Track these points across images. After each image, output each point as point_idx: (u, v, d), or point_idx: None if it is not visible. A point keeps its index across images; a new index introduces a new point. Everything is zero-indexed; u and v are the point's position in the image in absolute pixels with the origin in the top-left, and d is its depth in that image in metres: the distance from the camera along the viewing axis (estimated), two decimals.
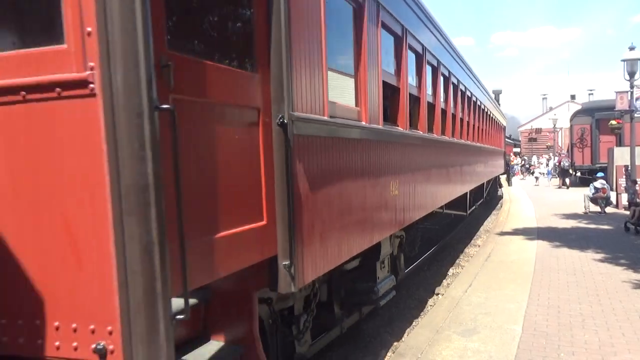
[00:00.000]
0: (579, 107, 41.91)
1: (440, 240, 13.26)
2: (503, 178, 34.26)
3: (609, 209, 20.20)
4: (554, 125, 56.97)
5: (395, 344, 7.45)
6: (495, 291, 8.97)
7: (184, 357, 3.45)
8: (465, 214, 15.46)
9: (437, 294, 9.64)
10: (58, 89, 2.36)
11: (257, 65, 3.39)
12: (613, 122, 28.65)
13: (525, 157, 63.33)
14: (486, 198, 23.26)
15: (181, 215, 2.48)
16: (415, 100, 7.91)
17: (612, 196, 21.35)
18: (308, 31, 3.90)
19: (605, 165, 28.54)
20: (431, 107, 8.97)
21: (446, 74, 10.32)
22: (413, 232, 8.97)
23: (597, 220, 18.12)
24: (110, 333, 2.40)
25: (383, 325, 8.09)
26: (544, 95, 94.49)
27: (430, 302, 9.30)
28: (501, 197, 29.98)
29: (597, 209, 19.86)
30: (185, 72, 2.61)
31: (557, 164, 40.45)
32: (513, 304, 8.18)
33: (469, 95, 13.94)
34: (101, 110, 2.28)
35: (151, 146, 2.28)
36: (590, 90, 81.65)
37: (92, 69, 2.31)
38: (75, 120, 2.35)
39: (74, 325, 2.46)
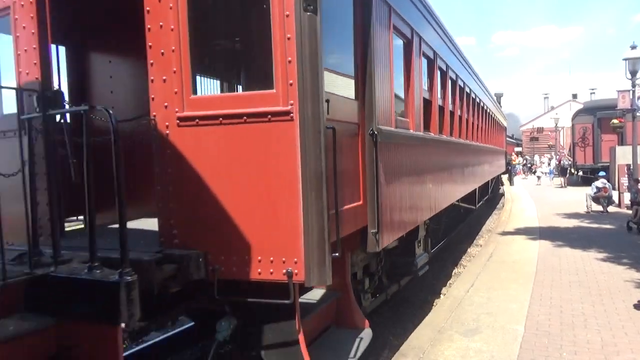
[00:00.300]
0: (580, 107, 43.86)
1: (447, 236, 15.37)
2: (505, 178, 36.87)
3: (611, 208, 21.57)
4: (556, 125, 59.26)
5: (397, 343, 8.02)
6: (497, 291, 9.52)
7: (304, 296, 5.40)
8: (474, 207, 18.32)
9: (439, 294, 10.48)
10: (269, 116, 4.25)
11: (358, 96, 5.46)
12: (615, 121, 30.29)
13: (527, 157, 65.89)
14: (490, 194, 25.92)
15: (336, 193, 4.44)
16: (441, 110, 10.15)
17: (614, 195, 22.82)
18: (384, 71, 6.05)
19: (607, 164, 30.26)
20: (451, 114, 11.31)
21: (461, 84, 12.76)
22: (435, 222, 11.04)
23: (599, 219, 19.40)
24: (296, 262, 4.30)
25: (385, 324, 8.78)
26: (546, 94, 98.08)
27: (433, 302, 9.96)
28: (502, 195, 32.35)
29: (600, 208, 21.33)
30: (333, 104, 4.56)
31: (558, 162, 42.96)
32: (515, 304, 8.68)
33: (478, 101, 16.64)
34: (297, 129, 4.19)
35: (324, 150, 4.23)
36: (592, 89, 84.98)
37: (292, 104, 4.20)
38: (280, 135, 4.24)
39: (271, 259, 4.36)
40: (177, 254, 4.36)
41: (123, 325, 3.60)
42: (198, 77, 4.83)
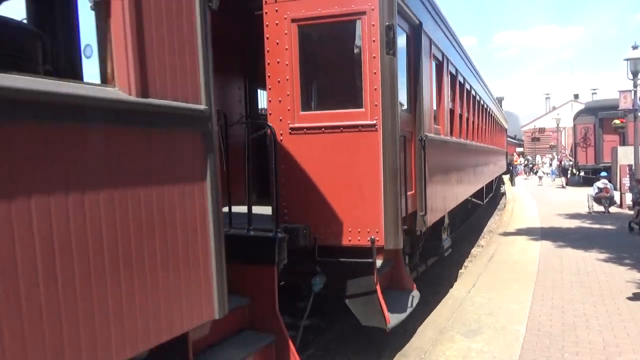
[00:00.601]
0: (582, 107, 46.47)
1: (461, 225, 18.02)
2: (506, 178, 40.19)
3: (613, 209, 23.14)
4: (557, 125, 62.78)
5: (398, 344, 8.51)
6: (498, 291, 10.20)
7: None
8: (482, 202, 21.41)
9: (441, 294, 11.01)
10: (359, 128, 6.59)
11: (412, 111, 7.88)
12: (617, 121, 32.25)
13: (529, 157, 69.63)
14: (494, 192, 29.14)
15: (406, 182, 6.85)
16: (460, 116, 12.83)
17: (616, 196, 24.34)
18: (427, 90, 8.52)
19: (609, 164, 32.61)
20: (467, 120, 14.09)
21: (474, 94, 15.73)
22: (453, 214, 13.55)
23: (601, 220, 20.85)
24: (377, 232, 6.64)
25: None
26: (547, 94, 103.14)
27: (434, 302, 10.44)
28: (504, 194, 35.10)
29: (601, 208, 22.82)
30: (401, 118, 6.94)
31: (559, 163, 45.94)
32: (517, 304, 9.28)
33: (486, 107, 19.92)
34: (380, 137, 6.52)
35: (398, 151, 6.61)
36: (594, 89, 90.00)
37: (376, 119, 6.54)
38: (367, 141, 6.57)
39: (358, 230, 6.70)
40: (290, 226, 6.67)
41: None
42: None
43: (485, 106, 19.58)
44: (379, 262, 7.60)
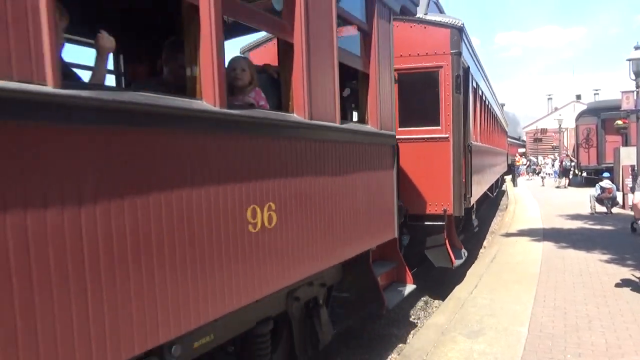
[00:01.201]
0: (584, 107, 52.01)
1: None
2: (508, 179, 46.81)
3: (615, 210, 26.14)
4: (560, 126, 69.32)
5: (400, 345, 9.58)
6: (500, 292, 11.40)
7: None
8: (492, 195, 28.33)
9: (442, 295, 12.90)
10: (437, 139, 12.77)
11: (463, 126, 14.16)
12: (619, 122, 37.46)
13: (531, 158, 76.91)
14: (499, 188, 36.63)
15: (464, 174, 13.22)
16: (483, 126, 19.57)
17: (619, 196, 27.34)
18: (469, 111, 14.98)
19: (612, 165, 36.63)
20: (485, 127, 20.91)
21: (489, 107, 22.74)
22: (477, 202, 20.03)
23: (603, 221, 23.37)
24: (448, 205, 12.86)
25: (387, 326, 10.74)
26: (549, 95, 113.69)
27: (435, 303, 12.20)
28: (505, 192, 40.94)
29: (604, 209, 25.82)
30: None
31: (560, 163, 51.67)
32: (519, 305, 10.21)
33: (496, 116, 27.25)
34: (451, 145, 12.76)
35: (464, 156, 12.99)
36: (596, 90, 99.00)
37: (448, 134, 12.75)
38: (442, 148, 12.76)
39: (435, 203, 12.93)
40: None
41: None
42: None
43: (496, 116, 26.49)
44: None
